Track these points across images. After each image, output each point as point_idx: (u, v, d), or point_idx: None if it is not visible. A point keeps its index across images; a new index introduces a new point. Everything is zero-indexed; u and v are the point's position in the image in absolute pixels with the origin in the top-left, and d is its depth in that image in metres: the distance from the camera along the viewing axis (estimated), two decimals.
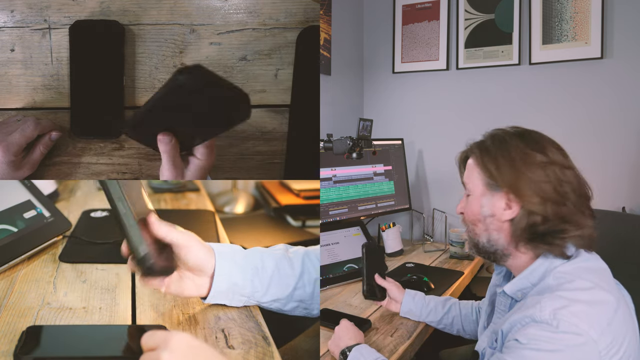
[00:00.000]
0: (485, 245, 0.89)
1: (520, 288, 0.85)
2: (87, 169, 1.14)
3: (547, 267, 0.83)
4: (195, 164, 0.93)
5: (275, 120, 1.15)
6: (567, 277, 0.79)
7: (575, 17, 1.79)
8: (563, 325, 0.72)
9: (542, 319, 0.73)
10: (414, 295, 1.24)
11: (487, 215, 0.87)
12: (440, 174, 2.14)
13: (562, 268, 0.81)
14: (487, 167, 0.86)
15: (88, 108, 1.10)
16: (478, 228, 0.89)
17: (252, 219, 1.91)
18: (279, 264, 0.91)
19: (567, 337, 0.71)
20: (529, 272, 0.84)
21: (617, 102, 1.75)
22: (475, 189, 0.89)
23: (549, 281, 0.80)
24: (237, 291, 0.88)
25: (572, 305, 0.73)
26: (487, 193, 0.87)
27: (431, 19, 2.09)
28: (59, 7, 1.09)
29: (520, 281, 0.85)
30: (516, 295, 0.86)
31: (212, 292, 0.86)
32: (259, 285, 0.89)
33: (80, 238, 1.16)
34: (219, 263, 0.86)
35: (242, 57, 1.12)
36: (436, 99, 2.12)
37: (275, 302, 0.91)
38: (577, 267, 0.81)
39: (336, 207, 1.74)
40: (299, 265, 0.92)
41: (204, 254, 0.85)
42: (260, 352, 0.78)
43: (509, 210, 0.84)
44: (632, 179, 1.73)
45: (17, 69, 1.11)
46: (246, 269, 0.88)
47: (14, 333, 0.77)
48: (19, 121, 1.01)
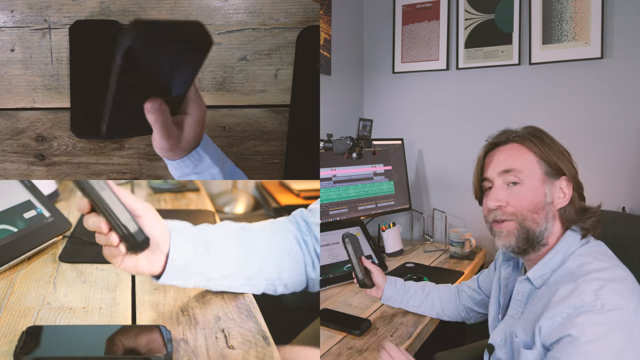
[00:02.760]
0: (538, 235, 0.89)
1: (541, 274, 0.89)
2: (87, 168, 1.14)
3: (564, 253, 0.87)
4: (189, 122, 0.86)
5: (275, 120, 1.15)
6: (586, 259, 0.84)
7: (575, 17, 1.79)
8: (607, 304, 0.76)
9: (586, 303, 0.77)
10: (395, 282, 1.25)
11: (548, 203, 0.89)
12: (440, 174, 2.14)
13: (579, 251, 0.87)
14: (546, 155, 0.89)
15: (88, 108, 1.10)
16: (540, 216, 0.88)
17: (252, 219, 1.91)
18: (226, 239, 0.89)
19: (612, 314, 0.75)
20: (549, 258, 0.88)
21: (617, 102, 1.75)
22: (534, 176, 0.89)
23: (569, 265, 0.85)
24: (190, 268, 0.85)
25: (608, 284, 0.78)
26: (548, 181, 0.89)
27: (431, 19, 2.09)
28: (59, 7, 1.09)
29: (542, 267, 0.89)
30: (536, 282, 0.89)
31: (167, 270, 0.82)
32: (210, 261, 0.86)
33: (80, 238, 1.16)
34: (175, 239, 0.82)
35: (242, 57, 1.12)
36: (436, 99, 2.12)
37: (225, 278, 0.89)
38: (591, 250, 0.87)
39: (336, 207, 1.74)
40: (245, 239, 0.91)
41: (161, 228, 0.81)
42: (260, 352, 0.78)
43: (563, 197, 0.89)
44: (632, 179, 1.73)
45: (17, 69, 1.11)
46: (198, 245, 0.86)
47: (14, 333, 0.77)
48: None
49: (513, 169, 0.90)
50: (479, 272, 1.27)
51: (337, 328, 1.17)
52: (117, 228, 0.75)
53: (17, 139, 1.17)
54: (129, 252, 0.77)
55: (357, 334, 1.14)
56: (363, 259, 1.23)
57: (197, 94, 0.87)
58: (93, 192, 0.74)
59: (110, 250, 0.77)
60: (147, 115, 0.81)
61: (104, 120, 0.80)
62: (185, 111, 0.86)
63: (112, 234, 0.76)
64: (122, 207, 0.76)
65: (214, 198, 1.97)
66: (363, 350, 1.08)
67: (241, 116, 1.15)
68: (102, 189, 0.74)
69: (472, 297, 1.24)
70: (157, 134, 0.83)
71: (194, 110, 0.86)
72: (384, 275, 1.25)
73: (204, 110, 0.88)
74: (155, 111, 0.80)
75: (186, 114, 0.86)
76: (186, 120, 0.86)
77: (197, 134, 0.88)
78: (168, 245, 0.82)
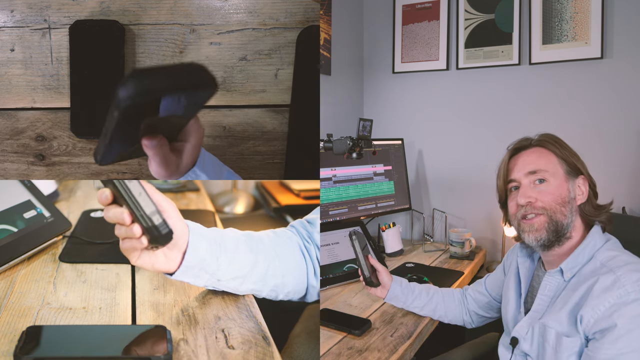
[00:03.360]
0: (565, 227, 0.97)
1: (572, 267, 0.96)
2: (87, 169, 1.14)
3: (592, 247, 0.95)
4: (188, 148, 0.86)
5: (276, 120, 1.15)
6: (615, 253, 0.93)
7: (575, 17, 1.79)
8: None
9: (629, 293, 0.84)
10: (401, 282, 1.25)
11: (572, 198, 0.98)
12: (440, 173, 2.14)
13: (607, 246, 0.96)
14: (565, 156, 1.00)
15: (88, 108, 1.10)
16: (566, 209, 0.98)
17: (252, 219, 1.91)
18: (237, 244, 0.91)
19: None
20: (578, 252, 0.96)
21: (617, 102, 1.75)
22: (558, 174, 0.99)
23: (599, 258, 0.93)
24: (204, 267, 0.85)
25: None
26: (569, 179, 0.99)
27: (431, 19, 2.09)
28: (58, 7, 1.09)
29: (572, 260, 0.96)
30: (566, 275, 0.96)
31: (182, 267, 0.82)
32: (223, 262, 0.87)
33: (80, 238, 1.16)
34: (193, 237, 0.83)
35: (242, 57, 1.12)
36: (436, 98, 2.12)
37: (233, 280, 0.90)
38: (615, 245, 0.97)
39: (336, 207, 1.74)
40: (254, 245, 0.92)
41: (182, 226, 0.81)
42: (260, 352, 0.77)
43: (582, 194, 0.99)
44: (632, 179, 1.73)
45: (17, 69, 1.11)
46: (212, 245, 0.86)
47: (14, 333, 0.76)
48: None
49: (539, 169, 0.99)
50: (486, 276, 1.28)
51: (337, 328, 1.17)
52: (141, 219, 0.73)
53: (17, 139, 1.17)
54: (150, 245, 0.76)
55: (357, 334, 1.14)
56: (370, 257, 1.22)
57: (196, 120, 0.85)
58: (119, 183, 0.72)
59: (130, 242, 0.76)
60: (145, 150, 0.80)
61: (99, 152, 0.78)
62: (184, 138, 0.85)
63: (135, 226, 0.74)
64: (148, 199, 0.74)
65: (214, 198, 1.97)
66: (363, 350, 1.08)
67: (241, 116, 1.15)
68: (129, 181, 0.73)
69: (478, 300, 1.25)
70: (154, 165, 0.83)
71: (193, 137, 0.86)
72: (390, 275, 1.25)
73: (202, 134, 0.88)
74: (154, 147, 0.79)
75: (185, 141, 0.85)
76: (185, 147, 0.86)
77: (194, 158, 0.88)
78: (186, 244, 0.82)
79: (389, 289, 1.23)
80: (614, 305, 0.84)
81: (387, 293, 1.23)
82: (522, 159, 1.02)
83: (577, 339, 0.89)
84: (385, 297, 1.24)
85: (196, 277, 0.86)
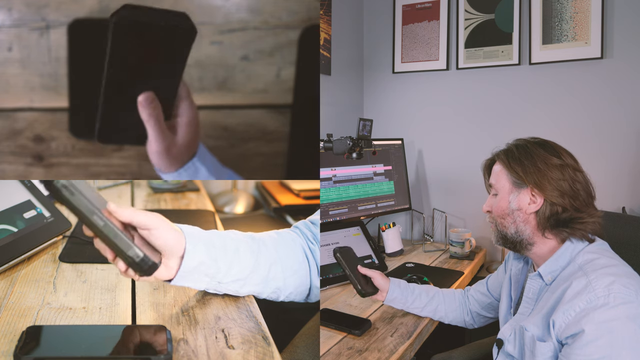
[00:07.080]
0: (513, 236, 1.01)
1: (551, 270, 0.96)
2: (86, 170, 1.14)
3: (572, 250, 0.95)
4: (182, 124, 0.88)
5: (277, 121, 1.14)
6: (594, 256, 0.92)
7: (575, 17, 1.79)
8: (619, 298, 0.83)
9: (599, 298, 0.83)
10: (399, 283, 1.25)
11: (514, 209, 1.00)
12: (440, 174, 2.14)
13: (587, 249, 0.95)
14: (513, 168, 1.00)
15: (87, 108, 1.10)
16: (507, 221, 1.01)
17: (252, 219, 1.91)
18: (238, 245, 0.91)
19: (624, 308, 0.82)
20: (558, 255, 0.96)
21: (617, 102, 1.75)
22: (503, 188, 1.02)
23: (578, 261, 0.93)
24: (203, 271, 0.86)
25: (618, 279, 0.85)
26: (514, 190, 1.00)
27: (431, 19, 2.09)
28: (57, 6, 1.09)
29: (552, 263, 0.96)
30: (546, 278, 0.97)
31: (180, 272, 0.83)
32: (223, 265, 0.88)
33: (80, 238, 1.16)
34: (190, 242, 0.84)
35: (243, 56, 1.12)
36: (436, 98, 2.11)
37: (234, 283, 0.90)
38: (598, 248, 0.95)
39: (336, 207, 1.74)
40: (256, 247, 0.93)
41: (174, 234, 0.82)
42: (260, 352, 0.77)
43: (533, 204, 0.98)
44: (632, 179, 1.73)
45: (15, 69, 1.10)
46: (211, 248, 0.87)
47: (14, 333, 0.76)
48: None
49: (492, 183, 1.06)
50: (488, 276, 1.28)
51: (337, 328, 1.17)
52: (122, 258, 0.76)
53: (14, 139, 1.16)
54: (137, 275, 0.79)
55: (357, 334, 1.14)
56: (360, 268, 1.21)
57: (187, 95, 0.89)
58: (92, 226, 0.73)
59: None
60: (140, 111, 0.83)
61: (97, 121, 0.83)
62: (177, 114, 0.89)
63: (119, 261, 0.78)
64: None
65: (214, 198, 1.97)
66: (363, 350, 1.08)
67: (243, 116, 1.14)
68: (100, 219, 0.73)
69: (480, 301, 1.25)
70: (151, 135, 0.85)
71: (184, 111, 0.89)
72: (386, 278, 1.24)
73: (195, 111, 0.90)
74: (149, 104, 0.83)
75: (177, 115, 0.89)
76: (178, 122, 0.89)
77: (190, 137, 0.90)
78: (183, 250, 0.83)
79: (387, 291, 1.22)
80: (584, 310, 0.84)
81: (385, 295, 1.23)
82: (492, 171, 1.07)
83: (550, 343, 0.89)
84: (384, 300, 1.24)
85: (196, 281, 0.87)
